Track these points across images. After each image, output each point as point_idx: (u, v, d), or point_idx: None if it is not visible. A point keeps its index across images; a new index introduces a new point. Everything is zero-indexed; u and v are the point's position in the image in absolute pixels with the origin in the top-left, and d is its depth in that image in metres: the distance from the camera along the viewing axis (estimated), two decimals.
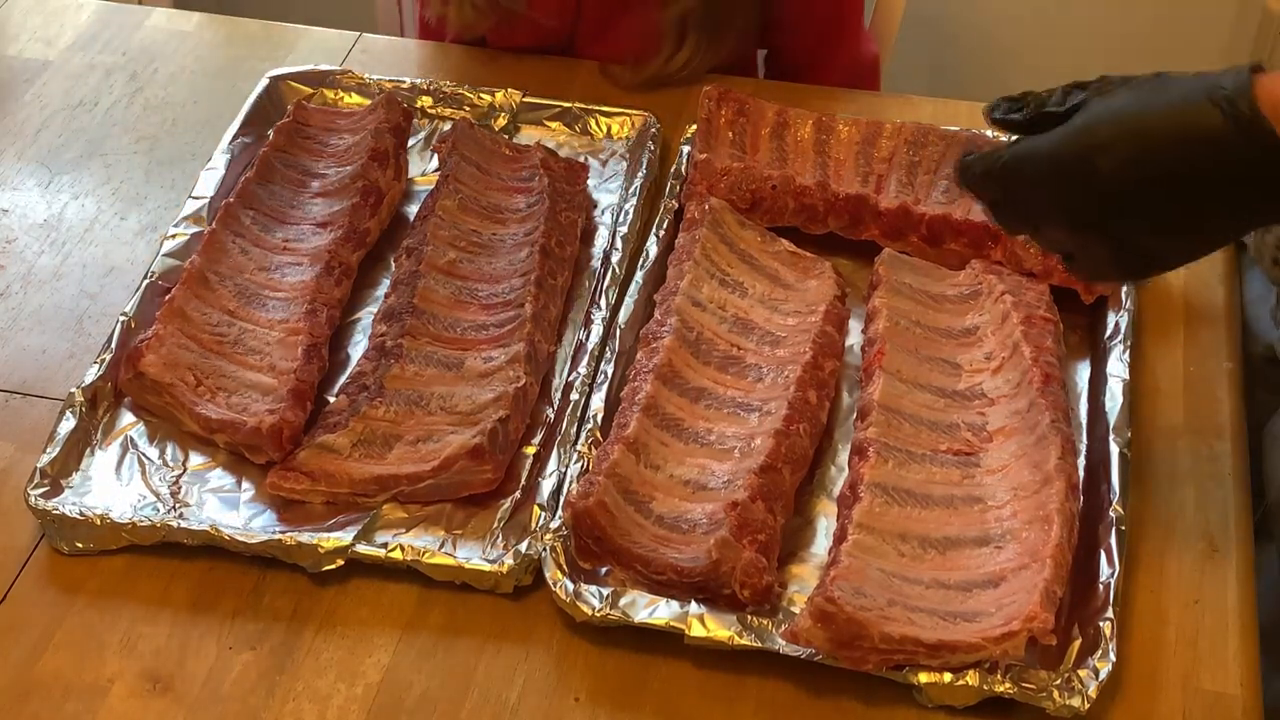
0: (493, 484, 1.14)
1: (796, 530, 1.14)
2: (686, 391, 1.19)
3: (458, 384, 1.19)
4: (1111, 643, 1.03)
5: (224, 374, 1.19)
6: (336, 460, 1.14)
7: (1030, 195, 1.04)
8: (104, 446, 1.17)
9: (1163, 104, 0.98)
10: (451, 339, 1.23)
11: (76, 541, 1.11)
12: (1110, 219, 1.01)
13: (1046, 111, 1.04)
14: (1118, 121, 0.99)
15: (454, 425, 1.16)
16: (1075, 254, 1.06)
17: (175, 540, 1.11)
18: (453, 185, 1.35)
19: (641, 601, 1.06)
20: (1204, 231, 1.02)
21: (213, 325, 1.22)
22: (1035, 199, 1.04)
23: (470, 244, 1.31)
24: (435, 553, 1.09)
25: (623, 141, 1.49)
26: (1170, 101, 0.98)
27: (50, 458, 1.14)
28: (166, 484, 1.15)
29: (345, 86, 1.52)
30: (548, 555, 1.08)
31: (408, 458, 1.14)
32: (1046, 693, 1.01)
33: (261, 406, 1.17)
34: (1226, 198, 0.98)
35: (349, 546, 1.09)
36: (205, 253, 1.28)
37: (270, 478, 1.14)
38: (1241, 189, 0.97)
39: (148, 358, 1.18)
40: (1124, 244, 1.02)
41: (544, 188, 1.35)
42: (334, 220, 1.32)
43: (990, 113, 1.08)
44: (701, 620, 1.04)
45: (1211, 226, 1.01)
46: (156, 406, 1.19)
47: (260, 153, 1.39)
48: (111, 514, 1.11)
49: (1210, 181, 0.97)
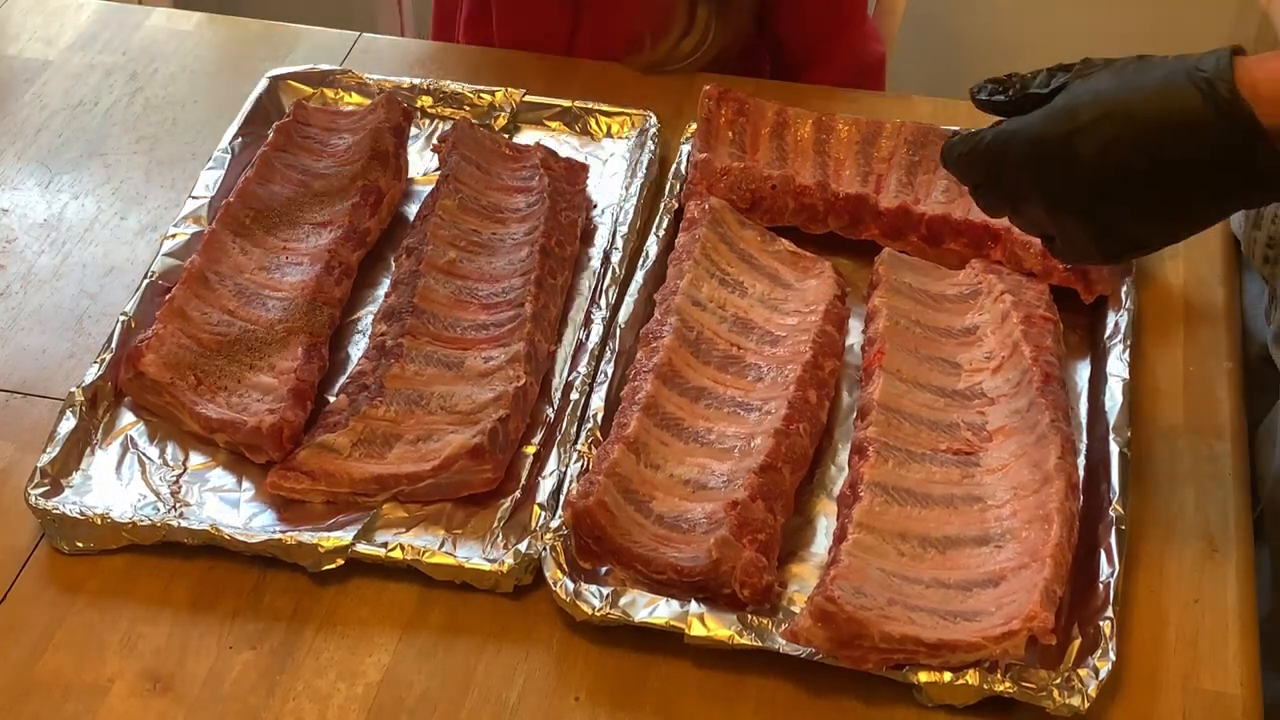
0: (493, 483, 1.14)
1: (796, 530, 1.14)
2: (686, 391, 1.19)
3: (458, 383, 1.19)
4: (1111, 642, 1.03)
5: (224, 373, 1.19)
6: (336, 460, 1.14)
7: (1012, 176, 1.04)
8: (104, 446, 1.17)
9: (1143, 86, 0.98)
10: (451, 338, 1.23)
11: (77, 541, 1.11)
12: (1090, 201, 1.01)
13: (1031, 93, 1.04)
14: (1098, 103, 1.00)
15: (454, 425, 1.16)
16: (1056, 236, 1.06)
17: (175, 540, 1.11)
18: (453, 185, 1.35)
19: (641, 601, 1.06)
20: (1184, 214, 1.02)
21: (213, 325, 1.22)
22: (1017, 180, 1.04)
23: (470, 243, 1.31)
24: (435, 552, 1.09)
25: (623, 141, 1.49)
26: (1151, 83, 0.98)
27: (50, 457, 1.14)
28: (166, 484, 1.15)
29: (345, 86, 1.52)
30: (548, 555, 1.08)
31: (408, 457, 1.14)
32: (1046, 692, 1.01)
33: (262, 406, 1.17)
34: (1206, 180, 0.98)
35: (349, 546, 1.09)
36: (205, 252, 1.28)
37: (270, 477, 1.14)
38: (1221, 171, 0.97)
39: (148, 357, 1.18)
40: (1104, 226, 1.02)
41: (544, 187, 1.35)
42: (334, 220, 1.32)
43: (975, 94, 1.08)
44: (701, 620, 1.04)
45: (1192, 209, 1.01)
46: (156, 406, 1.19)
47: (260, 152, 1.38)
48: (111, 514, 1.11)
49: (1190, 164, 0.97)
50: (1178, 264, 1.36)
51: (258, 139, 1.43)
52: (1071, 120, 1.00)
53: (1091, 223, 1.02)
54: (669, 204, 1.38)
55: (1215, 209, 1.02)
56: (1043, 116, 1.02)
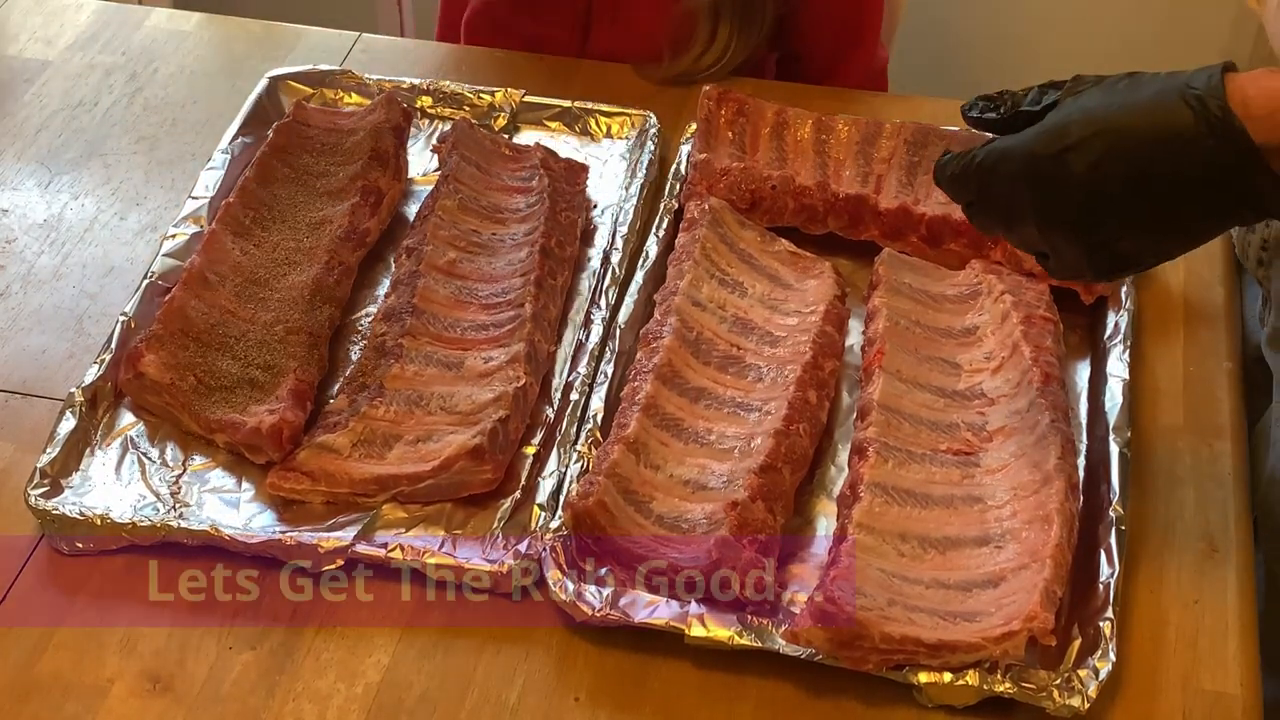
0: (492, 484, 1.14)
1: (796, 530, 1.14)
2: (686, 391, 1.19)
3: (458, 384, 1.19)
4: (1111, 642, 1.03)
5: (224, 374, 1.19)
6: (336, 460, 1.14)
7: (1004, 194, 1.04)
8: (104, 446, 1.18)
9: (1135, 104, 0.98)
10: (451, 339, 1.23)
11: (76, 541, 1.11)
12: (1081, 218, 1.01)
13: (1022, 110, 1.04)
14: (1090, 121, 0.99)
15: (454, 425, 1.16)
16: (1049, 253, 1.06)
17: (175, 540, 1.11)
18: (452, 185, 1.35)
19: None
20: (1176, 231, 1.01)
21: (212, 325, 1.22)
22: (1009, 198, 1.04)
23: (470, 244, 1.31)
24: (435, 553, 1.10)
25: (623, 141, 1.49)
26: (1142, 101, 0.98)
27: (50, 458, 1.14)
28: (166, 484, 1.15)
29: (345, 86, 1.52)
30: (548, 555, 1.08)
31: (408, 458, 1.14)
32: (1046, 692, 1.01)
33: (261, 407, 1.17)
34: (1198, 197, 0.98)
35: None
36: (205, 253, 1.28)
37: (270, 478, 1.14)
38: (1213, 189, 0.97)
39: (147, 358, 1.18)
40: (1095, 244, 1.02)
41: (544, 188, 1.35)
42: (334, 220, 1.32)
43: (967, 112, 1.08)
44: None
45: (1183, 226, 1.01)
46: (156, 407, 1.20)
47: (260, 153, 1.39)
48: (111, 514, 1.11)
49: (1181, 181, 0.97)
50: (1177, 265, 1.36)
51: (258, 139, 1.43)
52: (1063, 138, 1.00)
53: (1083, 240, 1.02)
54: (669, 204, 1.38)
55: (1207, 226, 1.02)
56: (1034, 134, 1.02)
